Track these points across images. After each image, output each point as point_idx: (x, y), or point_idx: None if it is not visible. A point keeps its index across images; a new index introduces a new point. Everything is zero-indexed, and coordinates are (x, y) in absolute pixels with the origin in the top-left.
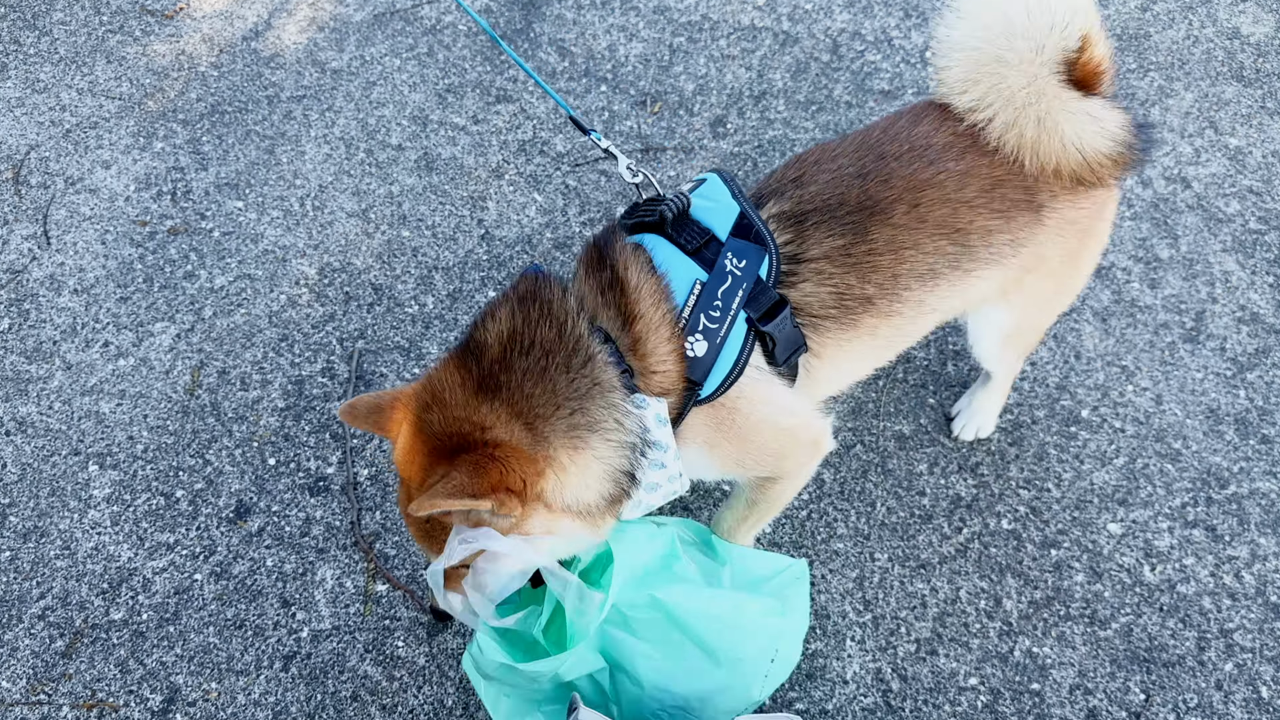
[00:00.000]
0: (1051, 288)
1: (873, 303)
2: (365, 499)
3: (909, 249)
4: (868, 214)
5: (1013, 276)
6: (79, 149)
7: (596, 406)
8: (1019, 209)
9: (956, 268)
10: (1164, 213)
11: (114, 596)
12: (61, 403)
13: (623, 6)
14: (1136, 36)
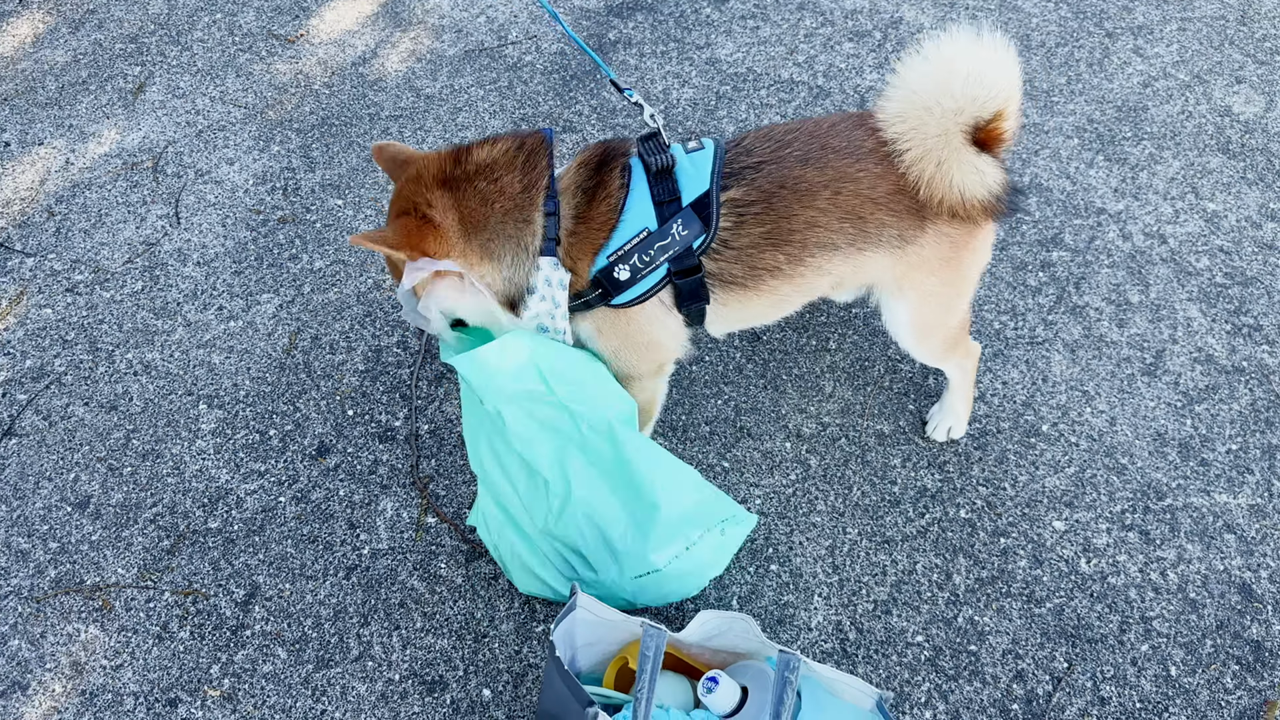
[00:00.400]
0: (937, 286)
1: (780, 269)
2: (424, 448)
3: (820, 227)
4: (798, 197)
5: (900, 268)
6: (208, 147)
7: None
8: (909, 214)
9: (852, 245)
10: (1139, 263)
11: (212, 510)
12: (181, 353)
13: (679, 57)
14: (1135, 109)
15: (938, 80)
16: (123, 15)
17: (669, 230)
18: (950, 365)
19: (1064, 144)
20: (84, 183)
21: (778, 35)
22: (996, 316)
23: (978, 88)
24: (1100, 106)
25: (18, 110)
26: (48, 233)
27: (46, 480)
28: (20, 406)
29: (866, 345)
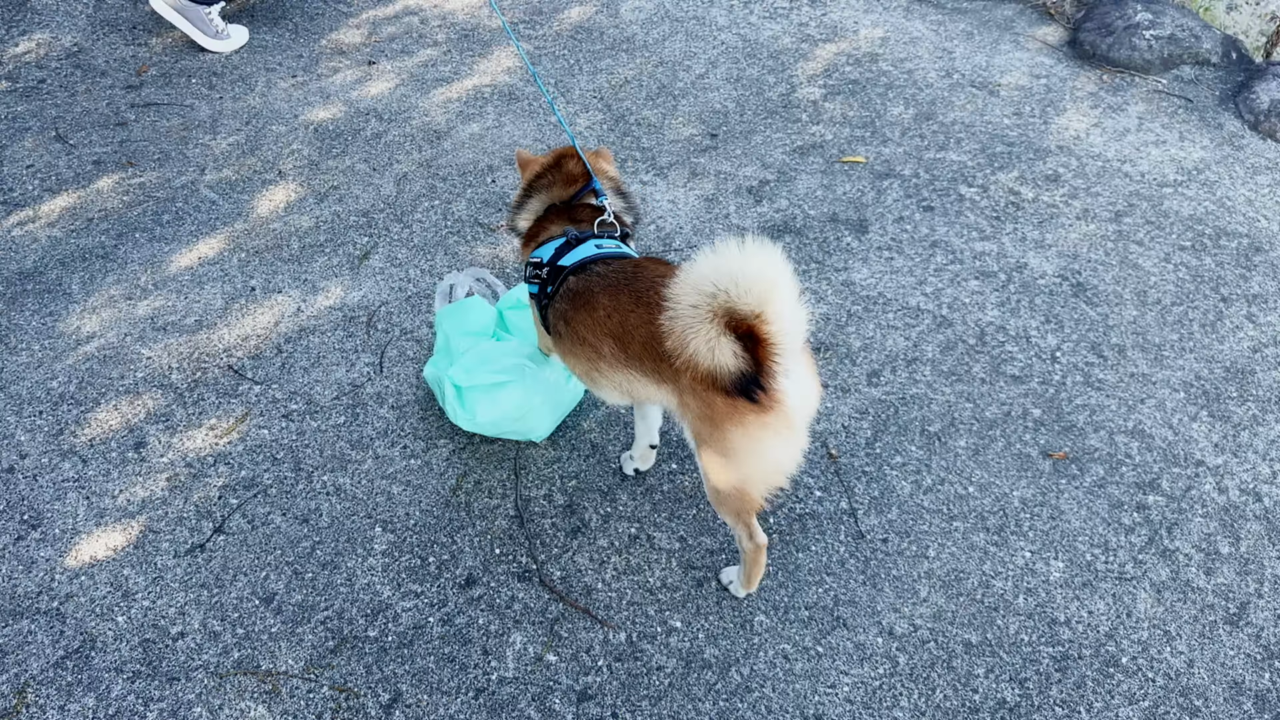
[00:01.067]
0: (708, 441)
1: (560, 336)
2: (555, 590)
3: (591, 330)
4: (590, 300)
5: (679, 409)
6: (414, 310)
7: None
8: (663, 360)
9: (614, 358)
10: (1233, 517)
11: (372, 620)
12: (367, 481)
13: (818, 276)
14: (1243, 371)
15: (694, 278)
16: (360, 194)
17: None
18: (738, 533)
19: (1170, 396)
20: (309, 328)
21: (909, 267)
22: (1089, 548)
23: (716, 283)
24: (1209, 365)
25: (265, 262)
26: (275, 366)
27: (243, 575)
28: (231, 509)
29: (964, 558)
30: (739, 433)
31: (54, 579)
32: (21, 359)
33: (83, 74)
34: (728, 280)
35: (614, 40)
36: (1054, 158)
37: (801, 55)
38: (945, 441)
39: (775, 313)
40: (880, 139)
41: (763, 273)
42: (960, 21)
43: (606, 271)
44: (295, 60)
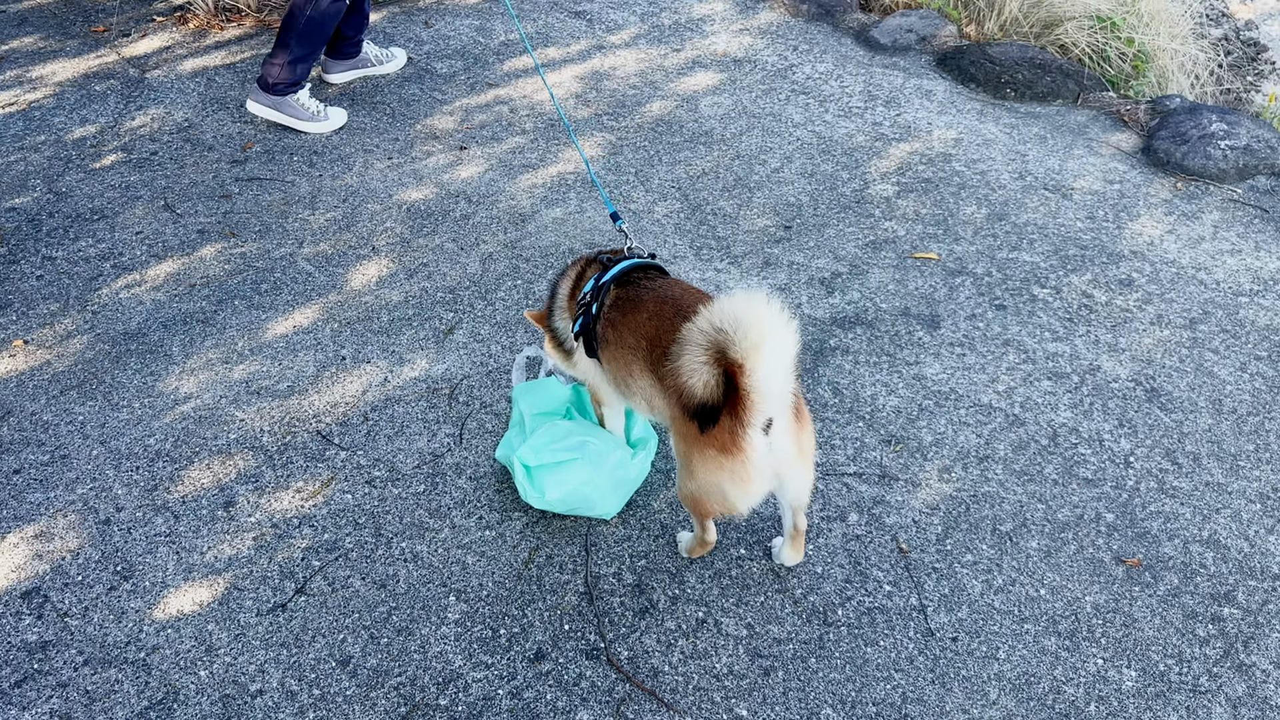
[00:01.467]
0: (678, 449)
1: (606, 345)
2: (624, 669)
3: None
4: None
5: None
6: (494, 385)
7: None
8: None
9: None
10: None
11: (444, 689)
12: (443, 549)
13: (889, 369)
14: None
15: (714, 311)
16: (447, 270)
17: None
18: (694, 522)
19: (1246, 507)
20: (395, 398)
21: (981, 364)
22: (1163, 659)
23: (721, 322)
24: None
25: (356, 333)
26: (361, 433)
27: (321, 636)
28: (314, 571)
29: (1035, 661)
30: (698, 458)
31: (142, 630)
32: (123, 415)
33: (192, 148)
34: (731, 323)
35: (693, 134)
36: (1127, 262)
37: (875, 153)
38: (1017, 541)
39: (753, 368)
40: (953, 237)
41: (759, 329)
42: (1033, 125)
43: (653, 285)
44: (391, 143)
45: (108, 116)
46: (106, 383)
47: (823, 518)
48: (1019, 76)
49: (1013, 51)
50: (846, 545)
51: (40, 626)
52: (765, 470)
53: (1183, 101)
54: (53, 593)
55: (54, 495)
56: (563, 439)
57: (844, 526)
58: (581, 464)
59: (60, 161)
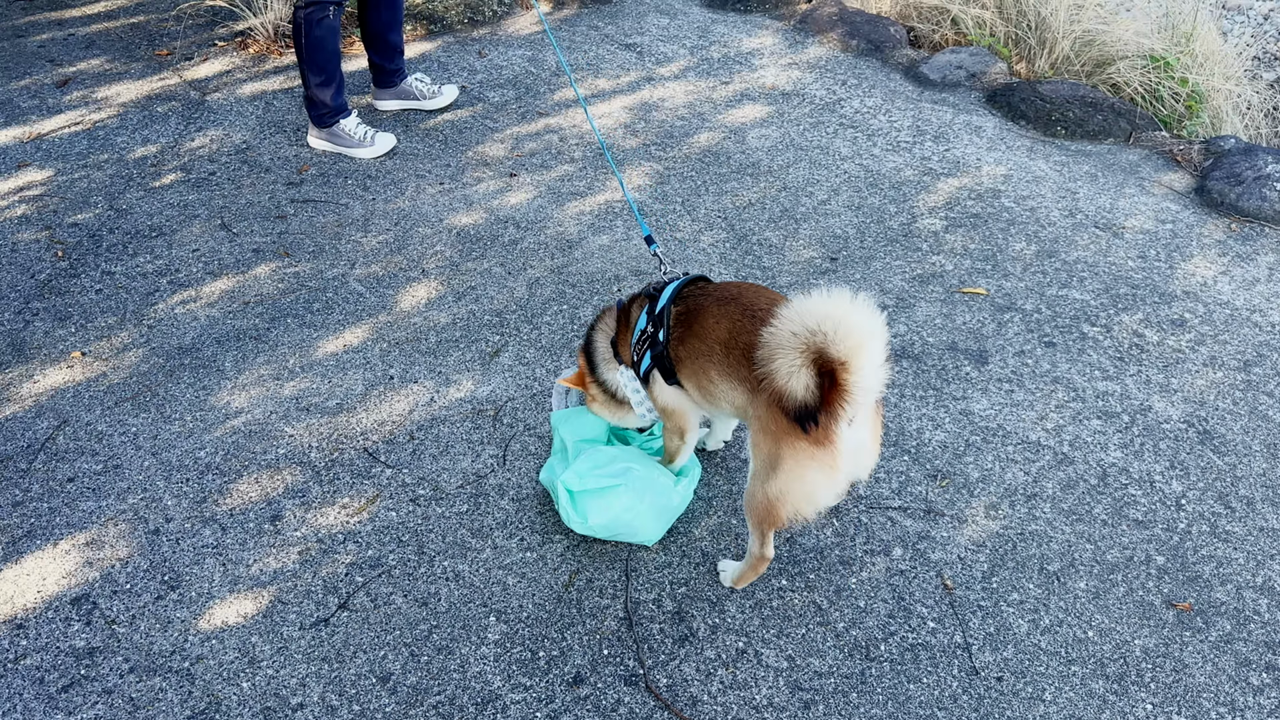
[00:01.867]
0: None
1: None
2: (670, 699)
3: (703, 343)
4: (696, 319)
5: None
6: (538, 407)
7: (606, 367)
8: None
9: (719, 367)
10: None
11: (481, 709)
12: (485, 570)
13: (935, 403)
14: None
15: (801, 312)
16: (494, 294)
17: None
18: (753, 538)
19: None
20: (440, 418)
21: (1030, 401)
22: (1215, 706)
23: (819, 325)
24: None
25: (405, 353)
26: (406, 451)
27: (363, 652)
28: (356, 587)
29: (1082, 704)
30: (789, 454)
31: (187, 640)
32: (174, 428)
33: (249, 169)
34: (830, 324)
35: (739, 165)
36: (1180, 303)
37: (923, 187)
38: (1064, 582)
39: (858, 366)
40: (1001, 273)
41: (862, 329)
42: (1084, 164)
43: (710, 290)
44: (443, 169)
45: (168, 137)
46: (160, 395)
47: (866, 551)
48: (1070, 114)
49: (1064, 89)
50: (890, 580)
51: (88, 633)
52: (850, 460)
53: (1238, 142)
54: (101, 600)
55: (105, 504)
56: (606, 464)
57: (888, 561)
58: (625, 490)
59: (121, 180)
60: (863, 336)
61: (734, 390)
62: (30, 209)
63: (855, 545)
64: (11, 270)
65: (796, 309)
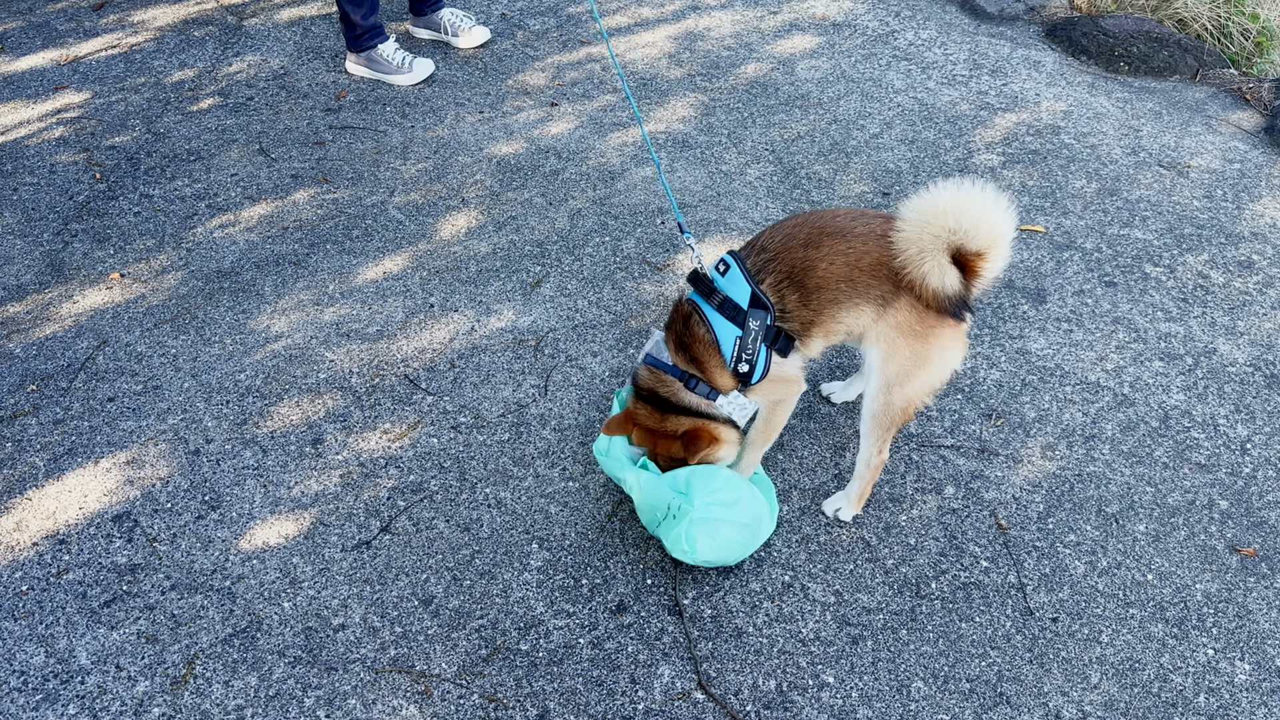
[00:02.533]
0: (903, 349)
1: (814, 321)
2: (704, 630)
3: (826, 289)
4: (805, 273)
5: (881, 325)
6: (580, 339)
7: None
8: (889, 281)
9: (849, 299)
10: None
11: (525, 634)
12: (527, 498)
13: (991, 342)
14: None
15: (935, 210)
16: (536, 224)
17: (750, 328)
18: (871, 445)
19: None
20: (481, 347)
21: (1089, 341)
22: (1279, 654)
23: (958, 223)
24: None
25: (445, 282)
26: (447, 380)
27: (405, 575)
28: (398, 511)
29: (1140, 648)
30: (936, 343)
31: (228, 559)
32: (214, 350)
33: (287, 95)
34: (969, 220)
35: (788, 97)
36: (1247, 244)
37: (980, 122)
38: (1123, 524)
39: (997, 255)
40: (1060, 210)
41: (999, 221)
42: (1148, 101)
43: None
44: (483, 97)
45: (206, 61)
46: (199, 318)
47: (917, 489)
48: (1133, 50)
49: (1127, 24)
50: (941, 518)
51: (130, 550)
52: None
53: None
54: (142, 518)
55: (146, 424)
56: (721, 491)
57: (939, 499)
58: (735, 526)
59: (159, 103)
60: (999, 229)
61: (860, 316)
62: (68, 131)
63: (906, 483)
64: (50, 192)
65: (928, 210)
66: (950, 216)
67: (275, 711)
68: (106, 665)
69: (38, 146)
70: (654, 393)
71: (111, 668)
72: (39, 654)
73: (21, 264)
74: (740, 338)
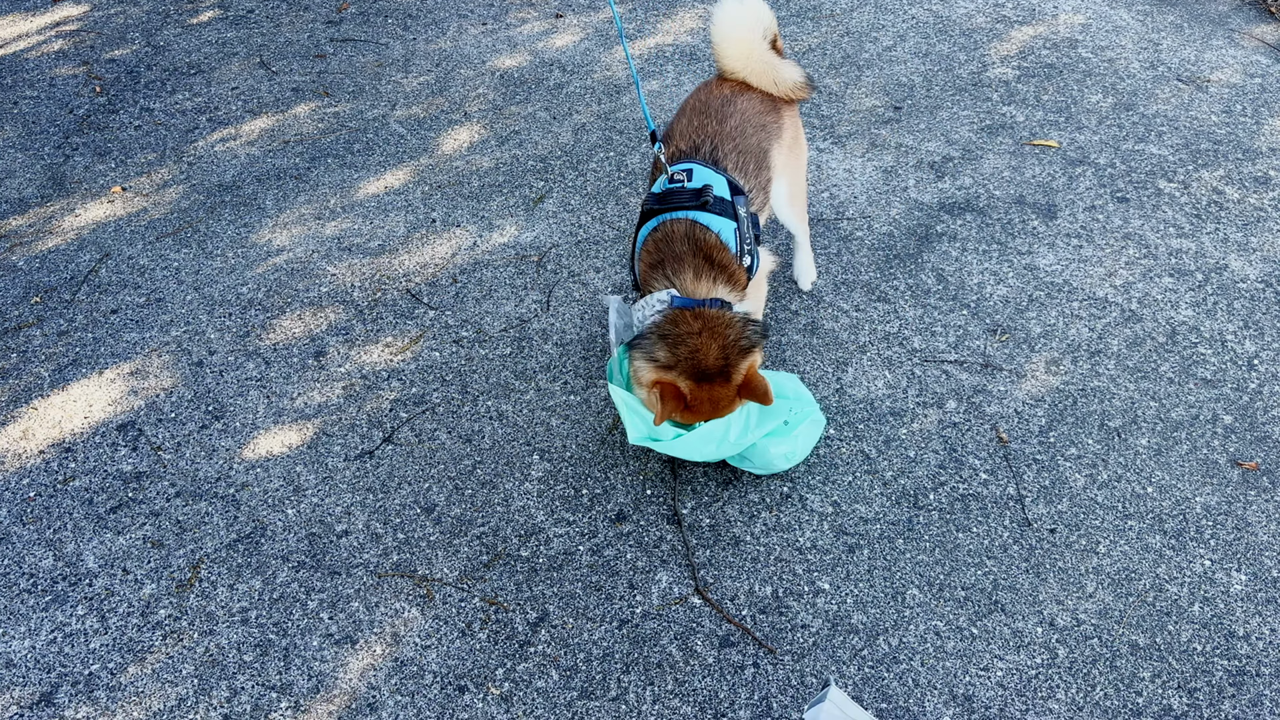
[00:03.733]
0: (796, 160)
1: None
2: (702, 538)
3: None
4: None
5: (781, 155)
6: (583, 254)
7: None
8: (775, 111)
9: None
10: None
11: (525, 541)
12: (528, 410)
13: (999, 258)
14: None
15: (747, 31)
16: (539, 139)
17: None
18: (801, 226)
19: None
20: (483, 262)
21: (1099, 257)
22: (1277, 564)
23: (760, 27)
24: None
25: (447, 196)
26: (449, 295)
27: (407, 484)
28: (401, 422)
29: (1137, 559)
30: (801, 133)
31: (232, 468)
32: (216, 264)
33: (288, 7)
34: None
35: (800, 8)
36: (1265, 160)
37: (995, 35)
38: (1125, 438)
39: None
40: (1075, 125)
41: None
42: (1169, 14)
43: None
44: (486, 8)
45: None
46: (201, 231)
47: (918, 403)
48: None
49: None
50: (942, 432)
51: (135, 458)
52: None
53: None
54: (147, 427)
55: (149, 336)
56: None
57: (940, 413)
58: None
59: (159, 16)
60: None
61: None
62: (67, 44)
63: (907, 397)
64: (50, 105)
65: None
66: (758, 23)
67: (279, 613)
68: (114, 569)
69: (37, 60)
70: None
71: (119, 571)
72: (47, 557)
73: (23, 177)
74: (737, 229)
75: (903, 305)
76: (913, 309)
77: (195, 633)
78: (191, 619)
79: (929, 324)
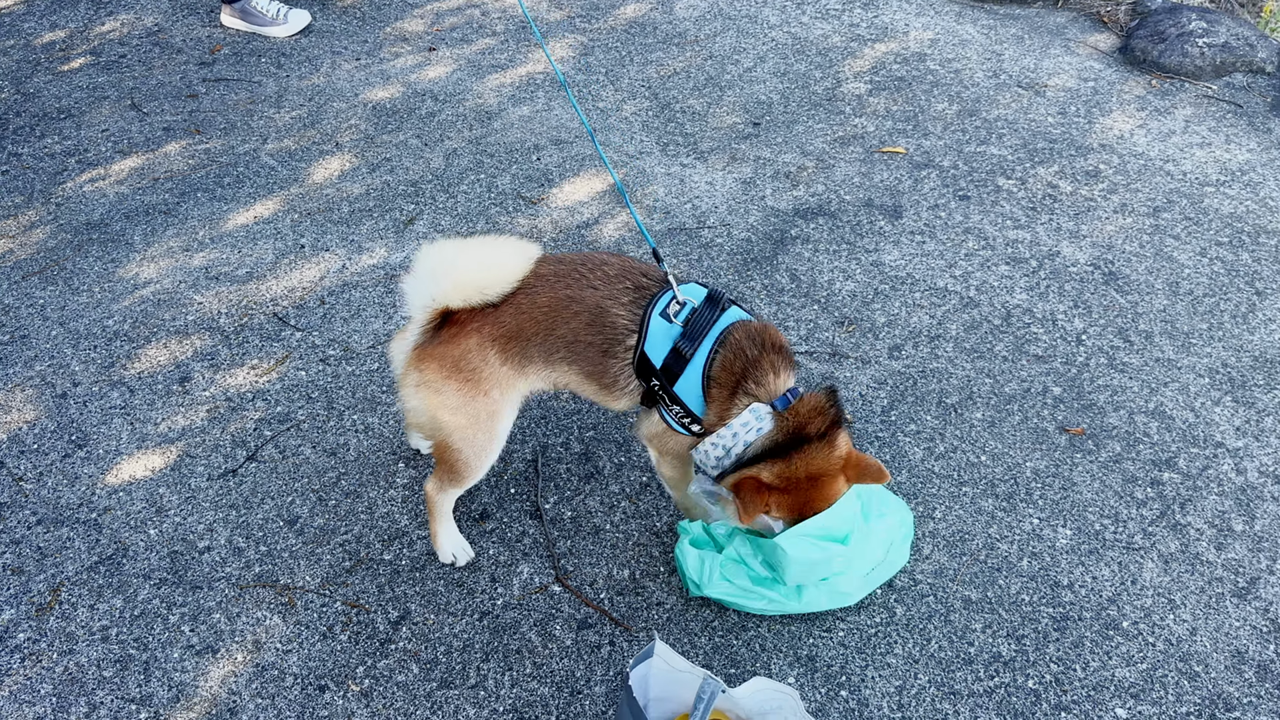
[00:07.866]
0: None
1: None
2: (564, 530)
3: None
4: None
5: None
6: None
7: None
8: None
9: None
10: (1249, 497)
11: (388, 545)
12: (394, 422)
13: (848, 255)
14: (1273, 361)
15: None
16: (410, 165)
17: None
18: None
19: (1194, 381)
20: (352, 284)
21: (940, 250)
22: (1099, 519)
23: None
24: (1237, 354)
25: (316, 223)
26: (317, 316)
27: (270, 499)
28: (265, 440)
29: (970, 521)
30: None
31: (94, 493)
32: (82, 299)
33: (161, 50)
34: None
35: (666, 35)
36: (1095, 155)
37: (850, 53)
38: (961, 413)
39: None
40: (922, 132)
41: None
42: (1011, 26)
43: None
44: (360, 45)
45: (77, 21)
46: (68, 269)
47: None
48: None
49: None
50: None
51: None
52: None
53: (1164, 2)
54: (8, 459)
55: (12, 371)
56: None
57: None
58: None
59: (29, 64)
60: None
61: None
62: None
63: None
64: None
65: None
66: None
67: (140, 629)
68: None
69: None
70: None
71: None
72: None
73: None
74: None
75: (758, 304)
76: (768, 306)
77: (54, 653)
78: (50, 640)
79: (782, 320)
